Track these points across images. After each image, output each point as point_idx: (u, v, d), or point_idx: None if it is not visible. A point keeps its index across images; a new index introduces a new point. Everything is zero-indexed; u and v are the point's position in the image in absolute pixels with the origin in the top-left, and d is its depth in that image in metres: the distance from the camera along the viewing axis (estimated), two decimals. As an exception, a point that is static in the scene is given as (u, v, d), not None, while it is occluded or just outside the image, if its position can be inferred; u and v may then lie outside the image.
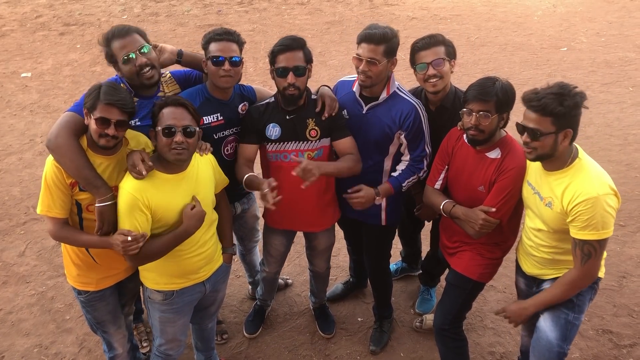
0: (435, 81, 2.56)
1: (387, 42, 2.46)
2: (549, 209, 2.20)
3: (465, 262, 2.59)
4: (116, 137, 2.14)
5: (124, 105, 2.11)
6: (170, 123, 2.14)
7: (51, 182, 2.16)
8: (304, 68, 2.47)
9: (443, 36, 2.63)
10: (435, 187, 2.62)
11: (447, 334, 2.64)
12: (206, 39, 2.52)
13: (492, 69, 7.07)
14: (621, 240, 3.92)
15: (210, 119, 2.56)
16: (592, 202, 2.04)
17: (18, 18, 9.20)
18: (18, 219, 4.38)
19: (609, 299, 3.47)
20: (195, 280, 2.41)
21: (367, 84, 2.53)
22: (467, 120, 2.32)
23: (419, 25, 8.63)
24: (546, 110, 2.04)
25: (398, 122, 2.58)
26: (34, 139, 5.64)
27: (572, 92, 2.04)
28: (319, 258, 3.07)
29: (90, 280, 2.42)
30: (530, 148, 2.13)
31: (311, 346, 3.21)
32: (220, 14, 9.19)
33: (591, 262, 2.12)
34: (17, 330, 3.33)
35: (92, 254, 2.35)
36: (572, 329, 2.31)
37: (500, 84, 2.27)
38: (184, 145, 2.14)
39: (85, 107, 2.14)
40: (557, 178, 2.18)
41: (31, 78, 7.17)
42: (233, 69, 2.47)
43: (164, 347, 2.53)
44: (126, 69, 2.35)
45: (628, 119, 5.78)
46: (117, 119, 2.10)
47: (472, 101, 2.28)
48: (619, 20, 8.70)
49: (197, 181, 2.29)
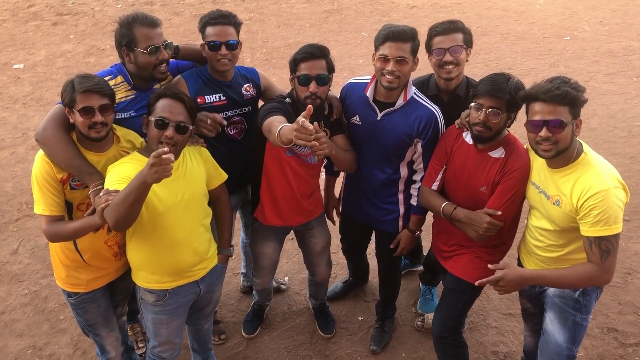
0: (451, 68, 2.51)
1: (413, 40, 2.40)
2: (557, 207, 2.13)
3: (463, 265, 2.51)
4: (105, 123, 2.09)
5: (101, 88, 2.09)
6: (164, 115, 2.13)
7: (41, 179, 2.11)
8: (327, 77, 2.41)
9: (462, 23, 2.58)
10: (432, 188, 2.53)
11: (447, 342, 2.57)
12: (202, 22, 2.52)
13: (494, 58, 6.96)
14: (626, 236, 3.85)
15: (212, 98, 2.56)
16: (602, 195, 1.98)
17: (10, 7, 9.03)
18: (11, 216, 4.30)
19: (614, 297, 3.41)
20: (188, 279, 2.36)
21: (394, 85, 2.40)
22: (475, 115, 2.24)
23: (419, 13, 8.49)
24: (567, 98, 1.98)
25: (417, 130, 2.49)
26: (27, 132, 5.53)
27: (572, 81, 2.03)
28: (320, 261, 3.00)
29: (79, 282, 2.35)
30: (550, 144, 2.03)
31: (311, 346, 3.15)
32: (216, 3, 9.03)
33: (611, 259, 2.04)
34: (10, 331, 3.27)
35: (82, 252, 2.29)
36: (580, 330, 2.26)
37: (513, 82, 2.19)
38: (173, 141, 2.12)
39: (65, 105, 2.10)
40: (564, 175, 2.10)
41: (23, 70, 7.03)
42: (230, 52, 2.49)
43: (158, 349, 2.48)
44: (147, 59, 2.32)
45: (632, 110, 5.69)
46: (99, 104, 2.07)
47: (483, 96, 2.20)
48: (622, 9, 8.58)
49: (185, 176, 2.25)
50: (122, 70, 2.40)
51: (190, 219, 2.28)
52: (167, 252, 2.26)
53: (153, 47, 2.31)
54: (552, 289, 2.31)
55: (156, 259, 2.26)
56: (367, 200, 2.74)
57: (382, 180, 2.63)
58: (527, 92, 2.08)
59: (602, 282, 2.12)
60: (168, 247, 2.25)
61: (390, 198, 2.70)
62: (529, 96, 2.06)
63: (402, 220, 2.76)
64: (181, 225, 2.25)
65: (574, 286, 2.16)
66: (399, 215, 2.74)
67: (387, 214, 2.73)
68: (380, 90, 2.50)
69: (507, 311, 3.32)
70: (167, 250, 2.25)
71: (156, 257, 2.25)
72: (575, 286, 2.15)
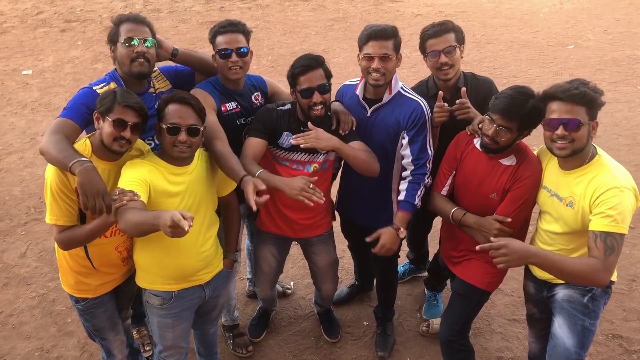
0: (447, 69, 2.57)
1: (395, 37, 2.48)
2: (570, 208, 2.14)
3: (473, 270, 2.53)
4: (130, 141, 2.13)
5: (141, 108, 2.14)
6: (175, 121, 2.15)
7: (56, 188, 2.10)
8: (328, 85, 2.44)
9: (452, 22, 2.63)
10: (442, 193, 2.55)
11: (454, 346, 2.57)
12: (212, 33, 2.55)
13: (498, 66, 7.00)
14: (631, 243, 3.86)
15: (231, 105, 2.60)
16: (617, 190, 2.01)
17: (19, 14, 9.15)
18: (19, 220, 4.34)
19: (618, 303, 3.41)
20: (193, 283, 2.37)
21: (380, 82, 2.48)
22: (486, 127, 2.26)
23: (424, 22, 8.52)
24: (585, 99, 2.01)
25: (404, 121, 2.54)
26: (35, 137, 5.58)
27: (591, 83, 2.07)
28: (324, 280, 3.00)
29: (88, 287, 2.37)
30: (566, 142, 2.05)
31: (316, 350, 3.16)
32: (222, 11, 9.12)
33: (613, 258, 2.01)
34: (18, 334, 3.29)
35: (92, 259, 2.30)
36: (588, 335, 2.26)
37: (531, 103, 2.15)
38: (188, 144, 2.17)
39: (98, 111, 2.12)
40: (578, 176, 2.12)
41: (32, 75, 7.12)
42: (241, 59, 2.50)
43: (164, 353, 2.49)
44: (123, 51, 2.35)
45: (636, 118, 5.70)
46: (134, 121, 2.11)
47: (497, 113, 2.20)
48: (626, 18, 8.61)
49: (199, 178, 2.29)
50: (114, 76, 2.43)
51: (198, 223, 2.29)
52: (174, 255, 2.26)
53: (126, 39, 2.33)
54: (561, 294, 2.31)
55: (162, 261, 2.27)
56: (361, 200, 2.77)
57: (376, 178, 2.62)
58: (545, 92, 2.11)
59: (600, 281, 2.03)
60: (174, 250, 2.26)
61: (383, 197, 2.73)
62: (548, 96, 2.09)
63: None
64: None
65: (572, 276, 2.06)
66: (393, 214, 2.73)
67: (380, 212, 2.75)
68: (368, 88, 2.58)
69: (512, 317, 3.33)
70: (173, 253, 2.26)
71: (162, 259, 2.26)
72: (574, 277, 2.06)
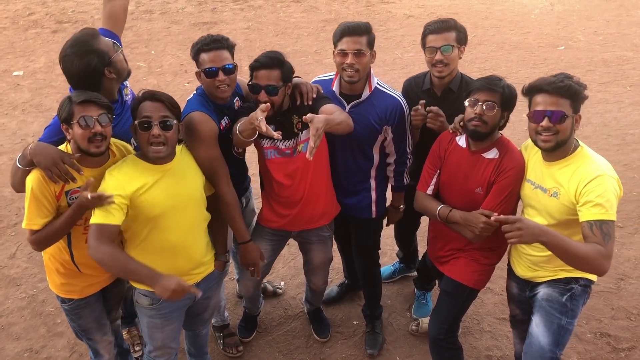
0: (442, 67, 2.59)
1: (369, 33, 2.52)
2: (554, 199, 2.17)
3: (460, 268, 2.54)
4: (104, 135, 2.09)
5: (98, 99, 2.11)
6: (146, 114, 2.13)
7: (37, 189, 2.09)
8: (276, 88, 2.36)
9: (455, 21, 2.64)
10: (427, 193, 2.57)
11: (443, 344, 2.59)
12: (195, 50, 2.41)
13: (489, 67, 7.03)
14: (619, 242, 3.89)
15: (224, 121, 2.50)
16: (602, 179, 2.06)
17: (10, 15, 9.09)
18: (9, 220, 4.32)
19: (606, 302, 3.43)
20: None
21: (354, 78, 2.51)
22: (470, 111, 2.30)
23: (416, 23, 8.57)
24: (570, 91, 2.07)
25: (385, 117, 2.60)
26: (26, 138, 5.55)
27: (575, 77, 2.15)
28: (316, 275, 3.03)
29: (74, 288, 2.37)
30: (551, 134, 2.09)
31: (306, 350, 3.17)
32: (215, 12, 9.11)
33: (611, 244, 2.00)
34: (7, 334, 3.28)
35: (77, 262, 2.30)
36: (565, 334, 2.27)
37: (505, 82, 2.31)
38: (162, 139, 2.12)
39: (63, 121, 2.11)
40: (561, 167, 2.17)
41: (23, 76, 7.08)
42: (228, 77, 2.38)
43: (154, 353, 2.49)
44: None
45: (626, 119, 5.75)
46: (98, 113, 2.08)
47: (478, 91, 2.29)
48: (616, 19, 8.68)
49: (182, 179, 2.26)
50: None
51: (186, 223, 2.29)
52: (163, 255, 2.25)
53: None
54: (541, 293, 2.33)
55: (151, 262, 2.23)
56: (342, 190, 2.80)
57: (356, 168, 2.72)
58: (531, 85, 2.16)
59: (602, 267, 1.98)
60: (163, 251, 2.25)
61: (363, 184, 2.78)
62: (533, 88, 2.14)
63: (375, 206, 2.83)
64: (177, 229, 2.25)
65: (576, 259, 1.98)
66: (371, 201, 2.81)
67: (360, 200, 2.80)
68: (344, 84, 2.60)
69: (501, 316, 3.34)
70: (162, 253, 2.25)
71: (151, 260, 2.22)
72: (578, 260, 1.99)
